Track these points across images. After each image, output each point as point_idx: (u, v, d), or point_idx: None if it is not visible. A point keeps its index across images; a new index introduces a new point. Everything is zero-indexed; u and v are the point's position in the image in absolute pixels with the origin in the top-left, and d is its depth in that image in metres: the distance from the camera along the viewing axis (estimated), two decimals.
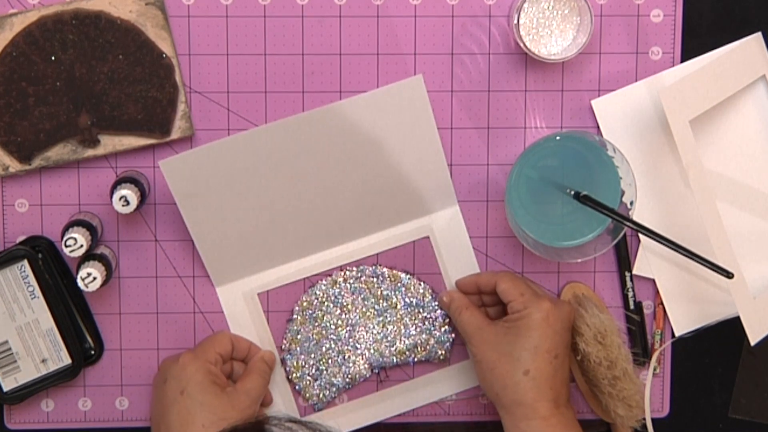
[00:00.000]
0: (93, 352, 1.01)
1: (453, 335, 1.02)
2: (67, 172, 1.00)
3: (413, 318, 1.02)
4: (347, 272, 1.02)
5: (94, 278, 0.94)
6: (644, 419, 1.00)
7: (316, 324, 1.02)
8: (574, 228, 0.97)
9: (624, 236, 1.02)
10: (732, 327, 1.02)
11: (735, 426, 1.07)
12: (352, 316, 1.02)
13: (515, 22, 0.96)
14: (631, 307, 1.03)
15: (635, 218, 0.95)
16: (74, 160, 0.99)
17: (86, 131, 0.98)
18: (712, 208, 0.97)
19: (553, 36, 0.98)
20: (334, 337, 1.02)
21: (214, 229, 0.98)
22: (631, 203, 0.95)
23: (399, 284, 1.02)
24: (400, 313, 1.02)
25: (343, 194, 0.99)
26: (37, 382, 0.99)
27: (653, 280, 1.03)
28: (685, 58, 1.01)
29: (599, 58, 1.01)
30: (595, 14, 0.99)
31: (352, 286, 1.01)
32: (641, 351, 1.03)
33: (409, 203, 1.01)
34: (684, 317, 1.03)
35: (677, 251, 0.92)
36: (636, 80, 1.01)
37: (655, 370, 1.04)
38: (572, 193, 0.94)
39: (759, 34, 1.01)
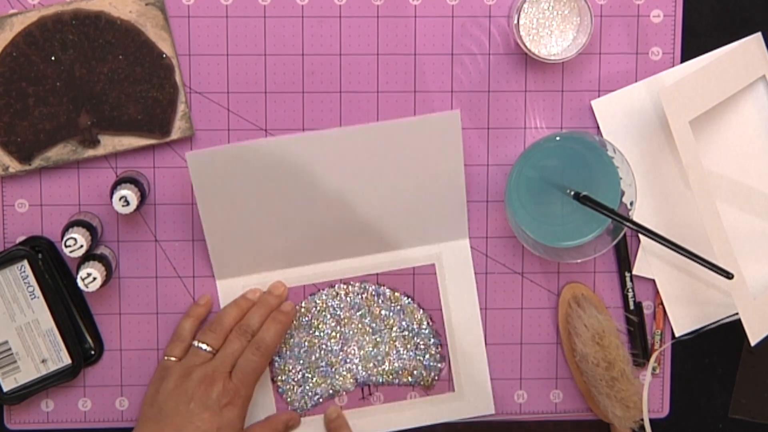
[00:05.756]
0: (93, 352, 1.01)
1: (442, 365, 1.02)
2: (67, 172, 1.00)
3: (406, 342, 1.02)
4: (350, 286, 1.02)
5: (94, 278, 0.94)
6: (642, 420, 1.00)
7: (310, 332, 1.02)
8: (574, 228, 0.97)
9: (624, 236, 1.02)
10: (732, 327, 1.02)
11: (735, 426, 1.07)
12: (346, 330, 1.02)
13: (515, 22, 0.96)
14: (631, 307, 1.03)
15: (635, 218, 0.95)
16: (74, 160, 0.99)
17: (86, 131, 0.98)
18: (712, 208, 0.97)
19: (553, 36, 0.98)
20: (326, 348, 1.02)
21: (226, 225, 0.98)
22: (631, 203, 0.95)
23: (398, 307, 1.02)
24: (394, 335, 1.02)
25: (358, 210, 0.99)
26: (37, 382, 0.99)
27: (653, 281, 1.03)
28: (685, 58, 1.01)
29: (599, 58, 1.01)
30: (595, 14, 0.99)
31: (353, 300, 1.02)
32: (641, 352, 1.03)
33: (422, 229, 1.01)
34: (684, 318, 1.03)
35: (677, 252, 0.92)
36: (636, 80, 1.01)
37: (654, 370, 1.04)
38: (572, 193, 0.94)
39: (759, 34, 1.01)
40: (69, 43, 0.96)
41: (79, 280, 0.94)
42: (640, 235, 1.01)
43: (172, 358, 0.98)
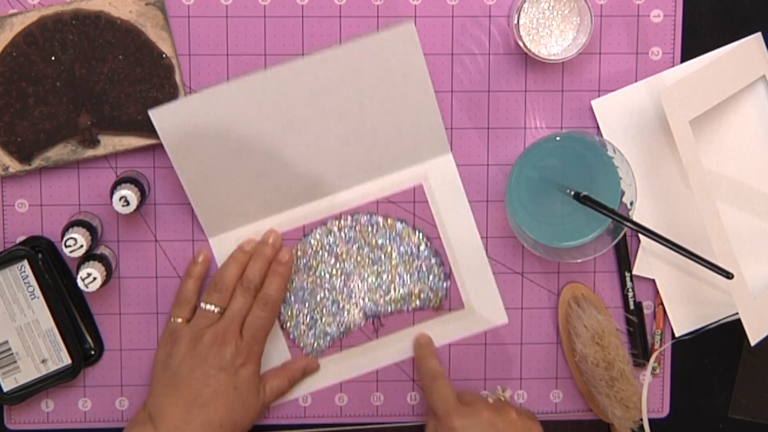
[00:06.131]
0: (93, 352, 1.01)
1: (447, 283, 1.02)
2: (67, 172, 1.00)
3: (407, 266, 1.02)
4: (342, 221, 1.01)
5: (94, 278, 0.94)
6: (642, 420, 1.00)
7: (311, 273, 1.02)
8: (574, 228, 0.97)
9: (624, 236, 1.02)
10: (732, 327, 1.02)
11: (735, 426, 1.07)
12: (346, 265, 1.02)
13: (515, 22, 0.96)
14: (631, 307, 1.03)
15: (635, 218, 0.95)
16: (74, 160, 0.99)
17: (86, 131, 0.98)
18: (712, 208, 0.97)
19: (553, 36, 0.98)
20: (329, 286, 1.02)
21: (206, 180, 0.98)
22: (631, 203, 0.95)
23: (394, 233, 1.02)
24: (395, 261, 1.02)
25: (335, 142, 0.99)
26: (37, 382, 0.99)
27: (653, 281, 1.03)
28: (685, 58, 1.01)
29: (599, 58, 1.01)
30: (595, 14, 0.99)
31: (347, 234, 1.02)
32: (641, 352, 1.03)
33: (403, 151, 1.00)
34: (684, 318, 1.03)
35: (677, 251, 0.92)
36: (636, 80, 1.01)
37: (654, 370, 1.04)
38: (572, 193, 0.94)
39: (759, 34, 1.01)
40: (69, 43, 0.96)
41: (79, 280, 0.94)
42: (640, 235, 1.01)
43: (179, 320, 0.98)
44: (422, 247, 1.02)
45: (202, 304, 0.98)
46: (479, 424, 0.93)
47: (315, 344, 1.03)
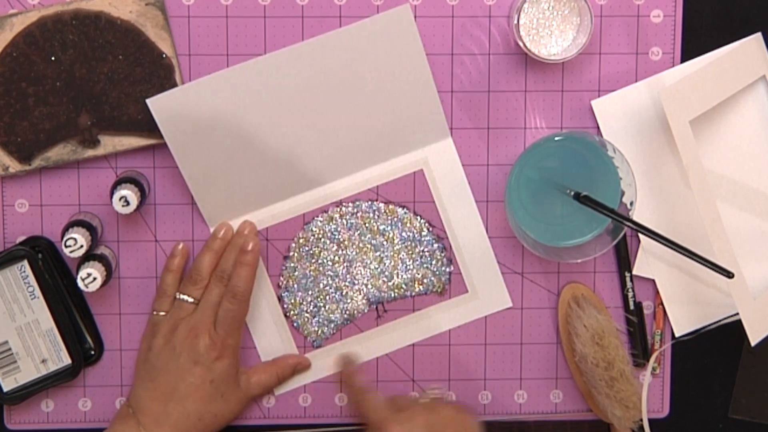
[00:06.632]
0: (93, 352, 1.01)
1: (451, 268, 1.02)
2: (67, 172, 1.00)
3: (410, 252, 1.02)
4: (343, 208, 1.01)
5: (94, 278, 0.94)
6: (641, 420, 1.00)
7: (313, 261, 1.02)
8: (574, 228, 0.97)
9: (624, 236, 1.02)
10: (732, 327, 1.02)
11: (735, 426, 1.07)
12: (348, 252, 1.02)
13: (515, 22, 0.96)
14: (631, 307, 1.03)
15: (635, 218, 0.95)
16: (74, 160, 0.99)
17: (86, 131, 0.98)
18: (712, 208, 0.97)
19: (553, 36, 0.98)
20: (332, 274, 1.02)
21: (206, 169, 0.98)
22: (631, 203, 0.95)
23: (395, 219, 1.02)
24: (397, 247, 1.02)
25: (335, 129, 0.99)
26: (37, 382, 0.99)
27: (653, 281, 1.03)
28: (685, 58, 1.01)
29: (599, 58, 1.01)
30: (595, 14, 0.99)
31: (349, 221, 1.02)
32: (641, 352, 1.03)
33: (402, 136, 1.00)
34: (684, 318, 1.03)
35: (677, 251, 0.92)
36: (636, 80, 1.01)
37: (654, 370, 1.04)
38: (572, 193, 0.94)
39: (759, 34, 1.01)
40: (69, 43, 0.96)
41: (79, 280, 0.94)
42: (640, 235, 1.01)
43: (161, 313, 0.98)
44: (424, 233, 1.02)
45: (178, 295, 0.98)
46: (416, 428, 0.92)
47: (319, 332, 1.03)
